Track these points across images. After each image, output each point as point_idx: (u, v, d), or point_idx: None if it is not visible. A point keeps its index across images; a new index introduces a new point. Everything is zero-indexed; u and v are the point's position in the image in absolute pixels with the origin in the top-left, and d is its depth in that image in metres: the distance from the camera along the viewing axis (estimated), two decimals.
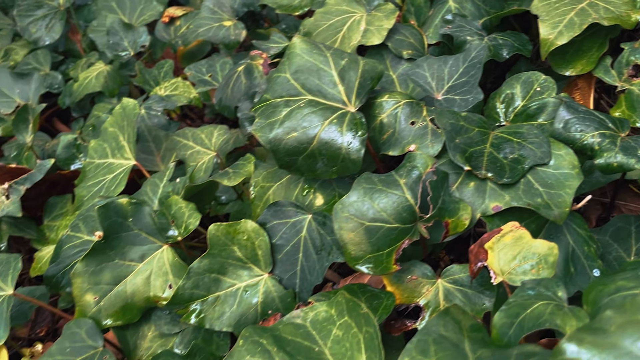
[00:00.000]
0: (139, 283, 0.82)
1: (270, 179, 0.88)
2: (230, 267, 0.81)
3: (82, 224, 0.89)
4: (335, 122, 0.78)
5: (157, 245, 0.83)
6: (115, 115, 1.13)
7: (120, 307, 0.81)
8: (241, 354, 0.63)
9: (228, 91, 1.27)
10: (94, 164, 1.13)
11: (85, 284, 0.80)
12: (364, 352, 0.62)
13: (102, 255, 0.81)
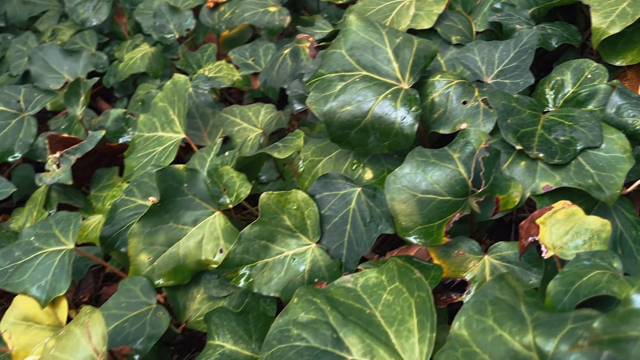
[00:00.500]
0: (191, 246, 0.85)
1: (320, 153, 0.90)
2: (279, 235, 0.83)
3: (136, 189, 0.93)
4: (389, 97, 0.79)
5: (209, 211, 0.86)
6: (165, 90, 1.17)
7: (173, 268, 0.84)
8: (296, 310, 0.65)
9: (273, 73, 1.29)
10: (143, 137, 1.17)
11: (140, 244, 0.84)
12: (415, 315, 0.63)
13: (157, 218, 0.84)
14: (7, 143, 1.26)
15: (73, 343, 0.66)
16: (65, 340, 0.67)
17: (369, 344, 0.62)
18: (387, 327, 0.64)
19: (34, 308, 0.77)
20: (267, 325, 0.73)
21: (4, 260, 0.81)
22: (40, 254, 0.80)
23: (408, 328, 0.63)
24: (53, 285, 0.77)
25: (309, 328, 0.63)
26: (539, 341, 0.50)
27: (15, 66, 1.76)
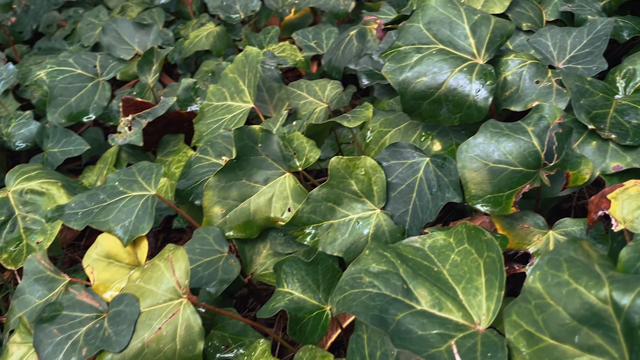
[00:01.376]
0: (261, 203, 0.89)
1: (388, 124, 0.93)
2: (345, 199, 0.86)
3: (210, 148, 0.98)
4: (465, 70, 0.82)
5: (280, 172, 0.90)
6: (236, 62, 1.21)
7: (243, 222, 0.88)
8: (367, 261, 0.68)
9: (338, 53, 1.33)
10: (212, 106, 1.22)
11: (214, 197, 0.88)
12: (484, 274, 0.65)
13: (232, 174, 0.89)
14: (83, 104, 1.34)
15: (157, 275, 0.71)
16: (149, 273, 0.72)
17: (437, 297, 0.64)
18: (455, 284, 0.67)
19: (115, 246, 0.83)
20: (334, 277, 0.77)
21: (89, 202, 0.87)
22: (124, 197, 0.86)
23: (475, 286, 0.65)
24: (136, 225, 0.82)
25: (380, 277, 0.66)
26: (615, 295, 0.51)
27: (87, 37, 1.84)
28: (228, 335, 0.80)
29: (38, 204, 1.03)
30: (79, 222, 0.84)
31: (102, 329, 0.68)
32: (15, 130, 1.30)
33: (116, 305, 0.70)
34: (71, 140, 1.27)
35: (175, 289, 0.70)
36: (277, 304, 0.75)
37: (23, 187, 1.04)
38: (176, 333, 0.68)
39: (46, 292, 0.81)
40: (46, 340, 0.68)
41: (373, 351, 0.68)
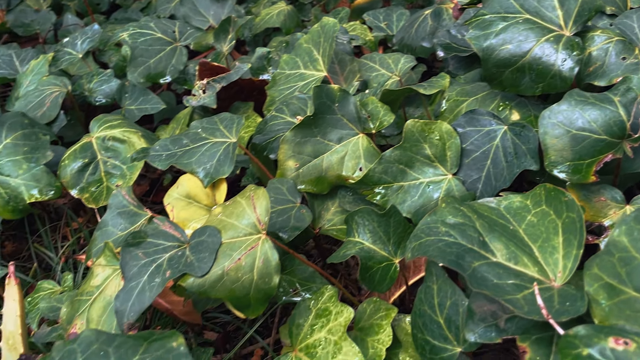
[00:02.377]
0: (333, 161, 0.91)
1: (465, 94, 0.94)
2: (417, 162, 0.88)
3: (285, 108, 1.01)
4: (551, 40, 0.82)
5: (354, 132, 0.92)
6: (312, 32, 1.24)
7: (315, 177, 0.91)
8: (444, 213, 0.69)
9: (411, 31, 1.34)
10: (284, 74, 1.25)
11: (289, 152, 0.91)
12: (562, 234, 0.66)
13: (308, 130, 0.92)
14: (160, 66, 1.40)
15: (239, 211, 0.74)
16: (231, 208, 0.75)
17: (513, 251, 0.65)
18: (531, 242, 0.67)
19: (195, 187, 0.87)
20: (405, 232, 0.78)
21: (172, 146, 0.92)
22: (206, 143, 0.90)
23: (552, 245, 0.66)
24: (217, 168, 0.86)
25: (456, 228, 0.67)
26: None
27: (163, 9, 1.92)
28: (296, 280, 0.82)
29: (119, 151, 1.09)
30: (163, 163, 0.89)
31: (185, 256, 0.72)
32: (96, 86, 1.37)
33: (198, 236, 0.74)
34: (148, 99, 1.33)
35: (255, 225, 0.73)
36: (348, 251, 0.77)
37: (106, 134, 1.10)
38: (254, 265, 0.71)
39: (128, 225, 0.86)
40: (132, 262, 0.72)
41: (443, 301, 0.69)
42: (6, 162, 1.05)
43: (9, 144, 1.06)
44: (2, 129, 1.07)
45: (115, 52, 1.71)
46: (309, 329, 0.76)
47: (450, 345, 0.67)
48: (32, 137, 1.08)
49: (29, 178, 1.05)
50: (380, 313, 0.78)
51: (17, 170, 1.05)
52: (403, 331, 0.80)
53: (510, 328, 0.61)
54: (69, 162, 1.06)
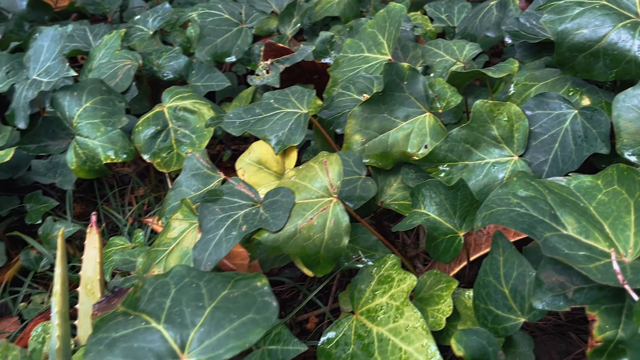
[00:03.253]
0: (399, 137, 0.93)
1: (534, 79, 0.95)
2: (483, 142, 0.89)
3: (352, 86, 1.04)
4: (628, 26, 0.82)
5: (421, 111, 0.94)
6: (377, 17, 1.27)
7: (380, 152, 0.93)
8: (515, 186, 0.71)
9: (475, 21, 1.35)
10: (347, 57, 1.28)
11: (356, 126, 0.94)
12: (633, 213, 0.66)
13: (375, 107, 0.94)
14: (227, 46, 1.45)
15: (312, 174, 0.78)
16: (304, 172, 0.79)
17: (584, 226, 0.66)
18: (602, 219, 0.68)
19: (267, 154, 0.91)
20: (471, 206, 0.80)
21: (245, 114, 0.96)
22: (278, 112, 0.94)
23: (624, 223, 0.66)
24: (288, 137, 0.90)
25: (527, 201, 0.68)
26: None
27: None
28: (359, 247, 0.85)
29: (189, 121, 1.14)
30: (236, 129, 0.93)
31: (259, 214, 0.76)
32: (165, 62, 1.43)
33: (272, 196, 0.77)
34: (214, 76, 1.38)
35: (327, 188, 0.76)
36: (414, 221, 0.80)
37: (177, 105, 1.16)
38: (325, 225, 0.74)
39: (201, 186, 0.91)
40: (209, 216, 0.77)
41: (509, 272, 0.70)
42: (85, 125, 1.12)
43: (89, 107, 1.13)
44: (83, 94, 1.14)
45: (179, 33, 1.77)
46: (371, 294, 0.79)
47: (514, 315, 0.69)
48: (110, 103, 1.14)
49: (105, 140, 1.11)
50: (441, 285, 0.80)
51: (95, 133, 1.11)
52: (462, 304, 0.82)
53: (579, 298, 0.62)
54: (143, 129, 1.12)
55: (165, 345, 0.51)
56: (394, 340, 0.74)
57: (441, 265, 0.90)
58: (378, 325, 0.76)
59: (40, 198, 1.19)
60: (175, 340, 0.51)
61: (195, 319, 0.53)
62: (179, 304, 0.54)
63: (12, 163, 1.25)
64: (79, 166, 1.11)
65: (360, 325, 0.78)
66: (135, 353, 0.50)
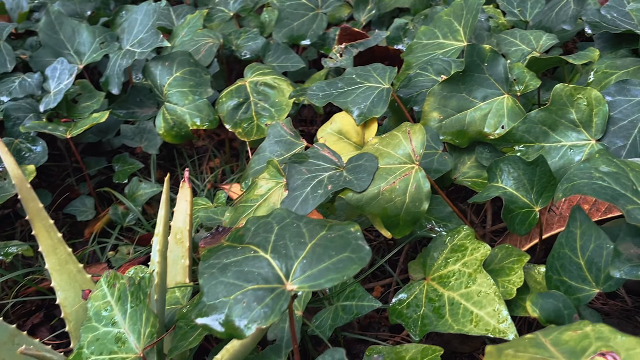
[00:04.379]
0: (476, 117, 0.96)
1: (615, 67, 0.96)
2: (561, 126, 0.91)
3: (430, 67, 1.07)
4: None
5: (499, 92, 0.97)
6: (453, 6, 1.29)
7: (457, 130, 0.97)
8: (597, 162, 0.73)
9: (552, 15, 1.36)
10: (421, 44, 1.31)
11: (435, 104, 0.97)
12: None
13: (454, 86, 0.97)
14: (302, 29, 1.51)
15: (395, 142, 0.82)
16: (388, 140, 0.83)
17: None
18: None
19: (347, 125, 0.95)
20: (549, 182, 0.82)
21: (328, 87, 1.01)
22: (361, 86, 0.98)
23: None
24: (370, 109, 0.94)
25: (609, 175, 0.70)
26: None
27: None
28: (433, 218, 0.89)
29: (269, 95, 1.20)
30: (320, 100, 0.98)
31: (343, 176, 0.81)
32: (243, 42, 1.51)
33: (355, 161, 0.82)
34: (290, 57, 1.44)
35: (410, 156, 0.80)
36: (490, 193, 0.83)
37: (258, 80, 1.22)
38: (407, 189, 0.78)
39: (284, 152, 0.96)
40: (297, 175, 0.82)
41: (586, 244, 0.73)
42: (174, 93, 1.20)
43: (179, 77, 1.21)
44: (173, 64, 1.22)
45: (253, 18, 1.85)
46: (443, 262, 0.82)
47: (588, 286, 0.71)
48: (197, 75, 1.22)
49: (192, 108, 1.18)
50: (512, 258, 0.83)
51: (183, 100, 1.19)
52: (532, 278, 0.84)
53: None
54: (226, 100, 1.19)
55: (272, 272, 0.56)
56: (465, 305, 0.77)
57: (512, 242, 0.93)
58: (449, 290, 0.79)
59: (127, 160, 1.28)
60: (280, 269, 0.57)
61: (298, 252, 0.58)
62: (283, 238, 0.60)
63: (101, 127, 1.35)
64: (167, 131, 1.19)
65: (431, 289, 0.81)
66: (245, 276, 0.56)
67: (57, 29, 1.40)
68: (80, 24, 1.40)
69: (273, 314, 0.53)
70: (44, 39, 1.40)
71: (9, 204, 1.28)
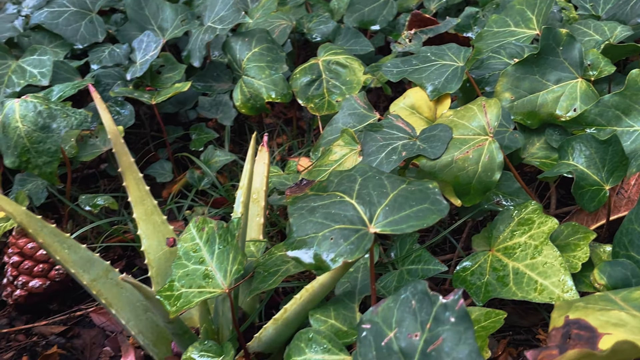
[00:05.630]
0: (548, 99, 0.98)
1: None
2: (634, 111, 0.91)
3: (503, 50, 1.09)
4: None
5: (573, 76, 0.98)
6: None
7: (528, 111, 0.99)
8: None
9: (627, 8, 1.34)
10: (491, 32, 1.33)
11: (507, 84, 1.00)
12: None
13: (528, 68, 0.99)
14: (373, 15, 1.55)
15: (470, 115, 0.85)
16: (462, 112, 0.86)
17: None
18: None
19: (420, 100, 0.99)
20: (621, 162, 0.83)
21: (402, 65, 1.05)
22: (435, 64, 1.02)
23: None
24: (445, 85, 0.98)
25: None
26: None
27: None
28: (501, 193, 0.91)
29: (340, 74, 1.25)
30: (395, 76, 1.03)
31: (417, 145, 0.85)
32: (315, 25, 1.56)
33: (429, 131, 0.86)
34: (359, 41, 1.49)
35: (485, 128, 0.83)
36: (561, 169, 0.84)
37: (330, 59, 1.27)
38: (480, 159, 0.81)
39: (357, 124, 1.01)
40: (372, 142, 0.86)
41: None
42: (252, 67, 1.27)
43: (257, 52, 1.28)
44: (252, 40, 1.29)
45: (323, 5, 1.90)
46: (509, 234, 0.85)
47: None
48: (273, 51, 1.28)
49: (268, 82, 1.25)
50: (579, 235, 0.85)
51: (260, 75, 1.26)
52: (597, 256, 0.86)
53: None
54: (300, 76, 1.25)
55: (357, 215, 0.61)
56: (530, 274, 0.80)
57: (578, 222, 0.94)
58: (514, 261, 0.82)
59: (203, 129, 1.36)
60: (364, 213, 0.61)
61: (380, 200, 0.62)
62: (366, 188, 0.64)
63: (180, 98, 1.44)
64: (243, 103, 1.26)
65: (496, 259, 0.84)
66: (332, 217, 0.61)
67: (143, 5, 1.49)
68: (164, 2, 1.50)
69: (358, 251, 0.58)
70: (130, 14, 1.50)
71: (94, 164, 1.38)
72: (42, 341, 0.96)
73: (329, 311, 0.71)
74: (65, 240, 0.82)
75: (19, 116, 0.97)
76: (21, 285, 0.98)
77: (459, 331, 0.48)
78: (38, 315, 1.02)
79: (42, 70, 1.24)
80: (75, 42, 1.41)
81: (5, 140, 0.97)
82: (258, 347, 0.78)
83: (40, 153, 0.97)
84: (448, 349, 0.48)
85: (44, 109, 0.98)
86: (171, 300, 0.72)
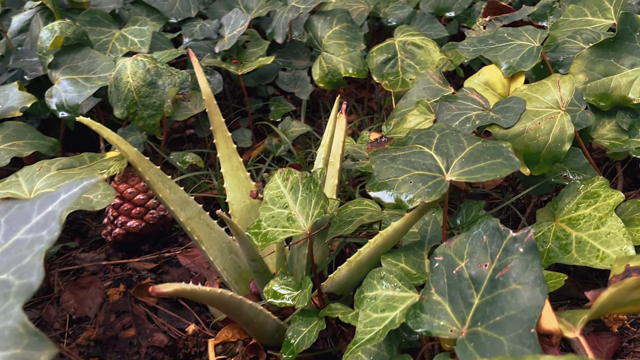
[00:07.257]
0: (622, 83, 1.00)
1: None
2: None
3: (578, 36, 1.12)
4: None
5: None
6: None
7: (601, 93, 1.01)
8: None
9: None
10: (567, 21, 1.35)
11: (582, 66, 1.03)
12: None
13: (603, 51, 1.02)
14: (449, 2, 1.60)
15: (544, 89, 0.89)
16: (536, 87, 0.91)
17: None
18: None
19: (494, 77, 1.04)
20: None
21: (479, 44, 1.10)
22: (511, 43, 1.06)
23: None
24: (520, 63, 1.02)
25: None
26: None
27: None
28: (568, 168, 0.95)
29: (415, 54, 1.31)
30: (470, 53, 1.08)
31: (490, 115, 0.90)
32: (391, 10, 1.62)
33: (503, 104, 0.91)
34: (434, 26, 1.54)
35: (558, 102, 0.87)
36: (630, 146, 0.87)
37: (406, 40, 1.33)
38: (551, 130, 0.86)
39: (431, 98, 1.07)
40: (446, 111, 0.92)
41: None
42: (332, 44, 1.35)
43: (337, 30, 1.36)
44: (333, 19, 1.37)
45: None
46: (574, 206, 0.89)
47: None
48: (352, 30, 1.36)
49: (347, 59, 1.33)
50: None
51: (339, 51, 1.34)
52: None
53: None
54: (376, 55, 1.32)
55: (435, 164, 0.68)
56: (592, 243, 0.83)
57: None
58: (578, 231, 0.86)
59: (281, 102, 1.46)
60: (442, 162, 0.68)
61: (457, 152, 0.69)
62: (444, 142, 0.71)
63: (261, 73, 1.54)
64: (321, 77, 1.34)
65: (559, 229, 0.88)
66: (412, 164, 0.68)
67: None
68: None
69: (435, 194, 0.64)
70: None
71: (180, 129, 1.51)
72: (136, 275, 1.08)
73: (400, 256, 0.78)
74: (167, 181, 0.93)
75: (130, 72, 1.09)
76: (120, 224, 1.10)
77: (526, 260, 0.54)
78: (131, 255, 1.14)
79: (142, 39, 1.37)
80: (170, 16, 1.54)
81: (116, 93, 1.10)
82: (331, 288, 0.86)
83: (147, 106, 1.09)
84: (515, 274, 0.54)
85: (152, 67, 1.10)
86: (259, 237, 0.81)
